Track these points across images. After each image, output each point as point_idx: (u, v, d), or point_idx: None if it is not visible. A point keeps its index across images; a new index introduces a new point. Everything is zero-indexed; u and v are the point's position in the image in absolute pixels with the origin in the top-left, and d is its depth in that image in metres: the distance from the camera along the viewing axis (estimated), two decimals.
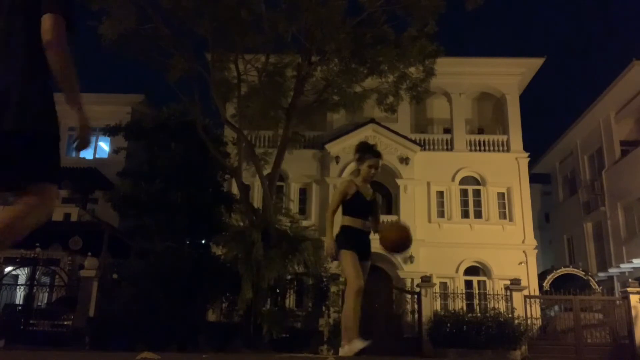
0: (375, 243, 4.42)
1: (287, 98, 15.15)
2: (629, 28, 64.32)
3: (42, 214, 2.19)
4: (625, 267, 19.61)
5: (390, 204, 22.20)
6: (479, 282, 20.63)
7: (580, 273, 19.64)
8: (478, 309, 18.03)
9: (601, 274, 21.07)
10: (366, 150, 4.59)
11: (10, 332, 13.59)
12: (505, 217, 21.43)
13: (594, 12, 70.38)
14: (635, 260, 18.73)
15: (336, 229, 4.42)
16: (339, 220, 4.44)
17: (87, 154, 25.71)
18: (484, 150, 22.20)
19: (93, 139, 25.94)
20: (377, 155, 4.62)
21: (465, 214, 21.54)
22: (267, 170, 15.19)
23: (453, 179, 21.47)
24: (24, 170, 2.06)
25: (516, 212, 21.23)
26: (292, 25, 13.84)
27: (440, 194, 21.47)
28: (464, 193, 21.83)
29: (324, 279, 14.89)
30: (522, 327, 15.02)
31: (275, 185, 15.41)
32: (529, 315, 15.77)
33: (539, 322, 16.32)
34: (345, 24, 13.55)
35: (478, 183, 21.84)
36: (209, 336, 12.77)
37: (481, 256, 20.32)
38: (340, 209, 4.50)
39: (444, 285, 18.93)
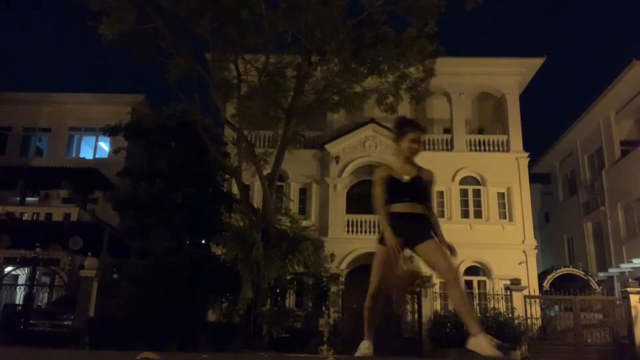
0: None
1: (287, 98, 15.13)
2: (629, 28, 64.33)
3: None
4: (625, 267, 19.60)
5: None
6: (479, 282, 20.63)
7: (580, 273, 19.63)
8: (478, 309, 18.02)
9: (601, 274, 21.05)
10: (405, 124, 4.13)
11: (10, 332, 13.59)
12: (505, 217, 21.43)
13: (594, 12, 70.39)
14: (635, 260, 18.72)
15: None
16: None
17: (87, 154, 25.76)
18: (484, 150, 22.20)
19: (93, 139, 25.99)
20: (419, 127, 4.11)
21: (465, 214, 21.54)
22: (267, 170, 15.17)
23: (453, 179, 21.46)
24: None
25: (516, 212, 21.23)
26: (292, 25, 13.82)
27: (440, 194, 21.44)
28: (464, 193, 21.83)
29: (324, 279, 14.90)
30: (522, 327, 15.03)
31: (275, 185, 15.39)
32: (529, 315, 15.78)
33: (539, 322, 16.32)
34: (345, 24, 13.53)
35: (478, 183, 21.84)
36: (209, 336, 12.77)
37: (481, 256, 20.31)
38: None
39: (444, 285, 18.90)
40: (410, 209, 3.92)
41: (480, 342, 3.54)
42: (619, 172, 21.57)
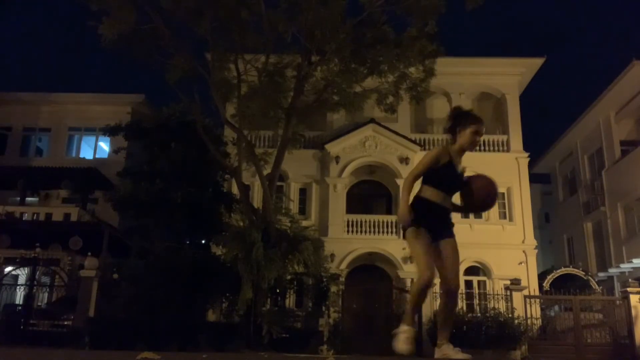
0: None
1: (287, 98, 15.13)
2: (629, 28, 64.34)
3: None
4: (625, 267, 19.60)
5: (390, 204, 22.20)
6: (479, 282, 20.62)
7: (580, 273, 19.63)
8: (478, 309, 18.06)
9: (601, 274, 21.06)
10: (468, 115, 3.92)
11: (10, 332, 13.59)
12: (505, 217, 21.42)
13: (594, 12, 70.39)
14: (635, 260, 18.72)
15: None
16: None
17: (87, 154, 25.76)
18: (484, 150, 22.18)
19: (93, 139, 25.99)
20: (481, 120, 3.91)
21: (465, 214, 21.53)
22: (267, 170, 15.18)
23: None
24: None
25: (516, 212, 21.22)
26: (292, 25, 13.82)
27: None
28: None
29: (324, 279, 14.90)
30: (522, 327, 15.03)
31: (275, 185, 15.39)
32: (529, 315, 15.78)
33: (539, 322, 16.32)
34: (345, 24, 13.54)
35: None
36: (209, 336, 12.77)
37: (481, 256, 20.31)
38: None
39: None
40: (447, 203, 3.82)
41: (446, 351, 3.61)
42: (619, 172, 21.56)
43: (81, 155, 25.69)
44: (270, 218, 13.88)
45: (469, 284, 20.28)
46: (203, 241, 16.40)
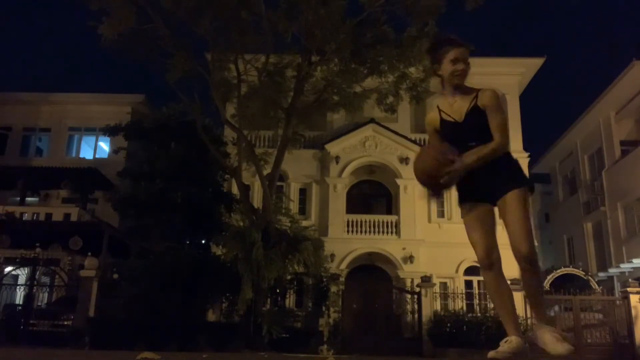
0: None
1: (287, 98, 15.16)
2: (629, 28, 64.36)
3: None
4: (625, 267, 19.60)
5: (390, 204, 22.19)
6: (479, 282, 20.59)
7: (580, 273, 19.62)
8: (478, 309, 18.05)
9: (601, 274, 21.05)
10: (441, 44, 3.16)
11: (11, 332, 13.59)
12: None
13: (594, 12, 70.41)
14: (635, 260, 18.72)
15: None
16: None
17: (87, 154, 25.77)
18: None
19: (93, 139, 25.98)
20: (461, 43, 3.15)
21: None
22: (267, 170, 15.19)
23: None
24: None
25: None
26: (292, 25, 13.84)
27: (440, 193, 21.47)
28: None
29: (324, 279, 14.91)
30: (522, 327, 15.03)
31: (275, 185, 15.41)
32: (528, 315, 15.77)
33: None
34: (345, 24, 13.56)
35: None
36: (209, 336, 12.78)
37: None
38: None
39: (444, 285, 18.92)
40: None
41: (540, 335, 3.06)
42: (619, 172, 21.56)
43: (81, 155, 25.68)
44: (270, 218, 13.90)
45: (469, 284, 20.27)
46: (203, 241, 16.41)
